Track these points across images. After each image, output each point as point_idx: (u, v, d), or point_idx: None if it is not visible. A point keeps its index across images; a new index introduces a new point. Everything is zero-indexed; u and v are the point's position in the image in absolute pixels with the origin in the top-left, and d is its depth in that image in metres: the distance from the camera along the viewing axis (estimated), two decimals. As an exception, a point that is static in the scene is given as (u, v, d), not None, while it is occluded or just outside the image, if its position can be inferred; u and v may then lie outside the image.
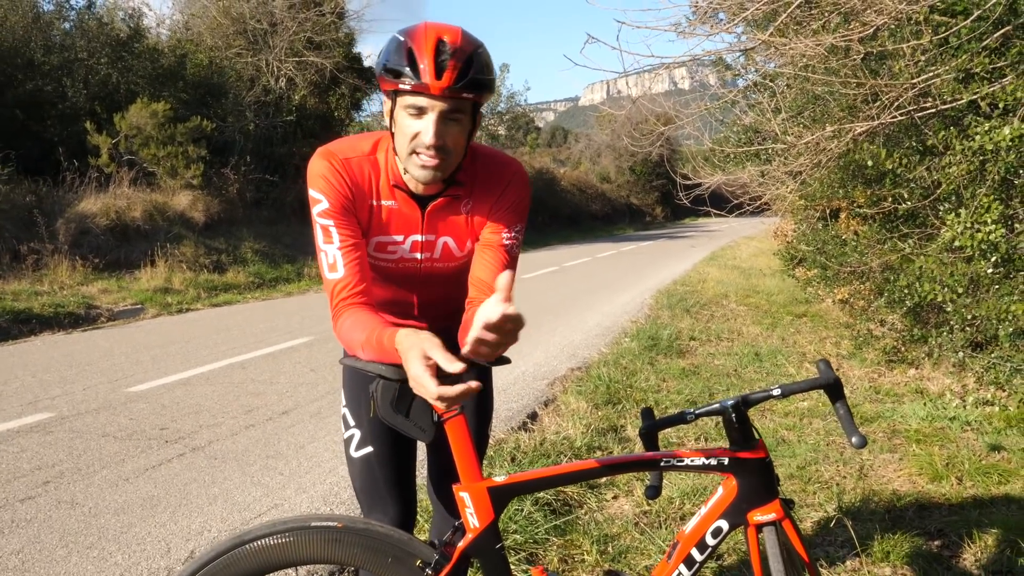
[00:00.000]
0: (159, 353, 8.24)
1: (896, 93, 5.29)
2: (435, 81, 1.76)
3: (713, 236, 31.82)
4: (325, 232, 1.97)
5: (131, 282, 13.34)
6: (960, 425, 5.14)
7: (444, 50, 1.77)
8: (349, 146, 2.04)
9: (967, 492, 4.08)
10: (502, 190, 2.06)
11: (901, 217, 6.61)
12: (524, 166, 2.20)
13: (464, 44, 1.80)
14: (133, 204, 15.58)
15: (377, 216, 2.04)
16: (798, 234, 10.92)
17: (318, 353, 8.11)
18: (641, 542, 3.58)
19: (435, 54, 1.77)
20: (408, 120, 1.85)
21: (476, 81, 1.81)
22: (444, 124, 1.83)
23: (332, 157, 2.00)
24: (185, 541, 3.72)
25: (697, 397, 6.10)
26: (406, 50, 1.79)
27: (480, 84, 1.82)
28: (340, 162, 1.99)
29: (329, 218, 1.97)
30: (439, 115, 1.82)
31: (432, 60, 1.76)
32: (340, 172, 1.98)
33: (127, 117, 16.45)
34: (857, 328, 7.90)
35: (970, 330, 5.40)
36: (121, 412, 5.90)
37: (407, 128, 1.85)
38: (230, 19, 21.65)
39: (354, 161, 2.01)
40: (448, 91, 1.78)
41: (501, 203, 2.05)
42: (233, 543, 1.85)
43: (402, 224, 2.06)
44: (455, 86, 1.78)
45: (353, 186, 1.99)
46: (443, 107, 1.81)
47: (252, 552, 1.85)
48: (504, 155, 2.16)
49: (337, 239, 1.96)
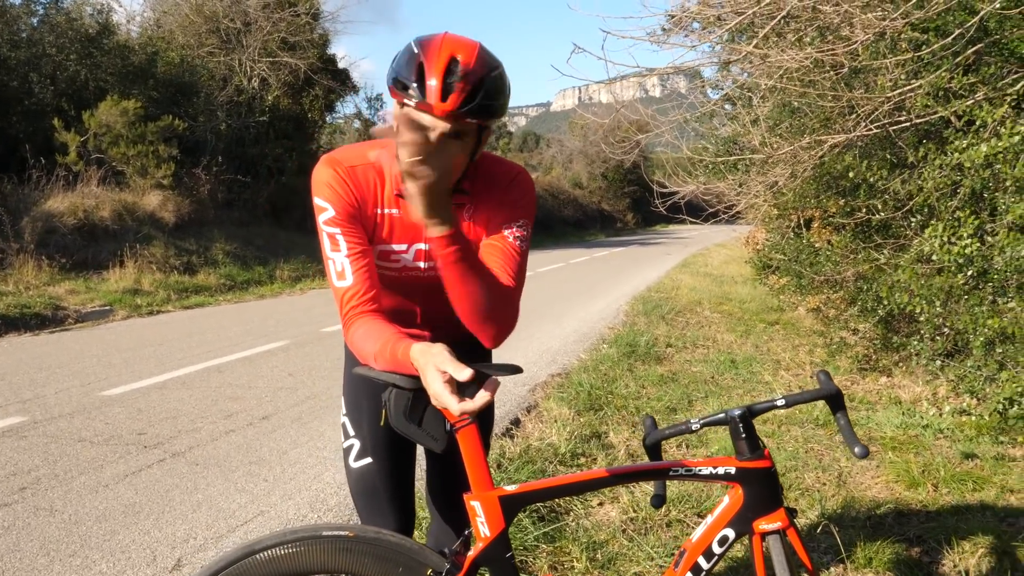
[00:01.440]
0: (132, 356, 8.14)
1: (872, 106, 5.39)
2: (439, 103, 1.74)
3: (684, 243, 32.09)
4: (332, 240, 1.95)
5: (99, 283, 13.16)
6: (933, 433, 5.24)
7: (455, 70, 1.74)
8: (354, 154, 2.02)
9: (943, 499, 4.16)
10: (504, 190, 2.04)
11: (874, 228, 6.73)
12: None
13: (477, 66, 1.77)
14: (102, 203, 15.36)
15: (381, 225, 2.03)
16: (771, 242, 11.05)
17: (295, 357, 8.06)
18: (630, 549, 3.60)
19: (445, 74, 1.74)
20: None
21: (483, 107, 1.78)
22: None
23: (337, 165, 1.98)
24: (171, 549, 3.68)
25: (676, 404, 6.16)
26: (417, 64, 1.77)
27: (487, 110, 1.79)
28: (345, 170, 1.98)
29: (336, 226, 1.95)
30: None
31: (440, 80, 1.73)
32: (345, 180, 1.97)
33: (96, 115, 16.22)
34: (830, 336, 8.02)
35: (940, 340, 5.50)
36: (96, 416, 5.82)
37: None
38: (203, 17, 21.44)
39: (359, 169, 1.99)
40: (451, 115, 1.75)
41: (503, 203, 2.03)
42: (243, 552, 1.85)
43: (406, 233, 2.05)
44: (459, 110, 1.75)
45: (358, 194, 1.98)
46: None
47: (262, 562, 1.84)
48: (508, 161, 2.15)
49: (345, 247, 1.94)
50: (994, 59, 4.98)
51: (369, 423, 2.27)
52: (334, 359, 7.90)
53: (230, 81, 20.85)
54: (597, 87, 6.86)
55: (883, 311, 6.18)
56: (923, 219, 5.51)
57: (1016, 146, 3.96)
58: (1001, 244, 4.15)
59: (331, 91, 23.20)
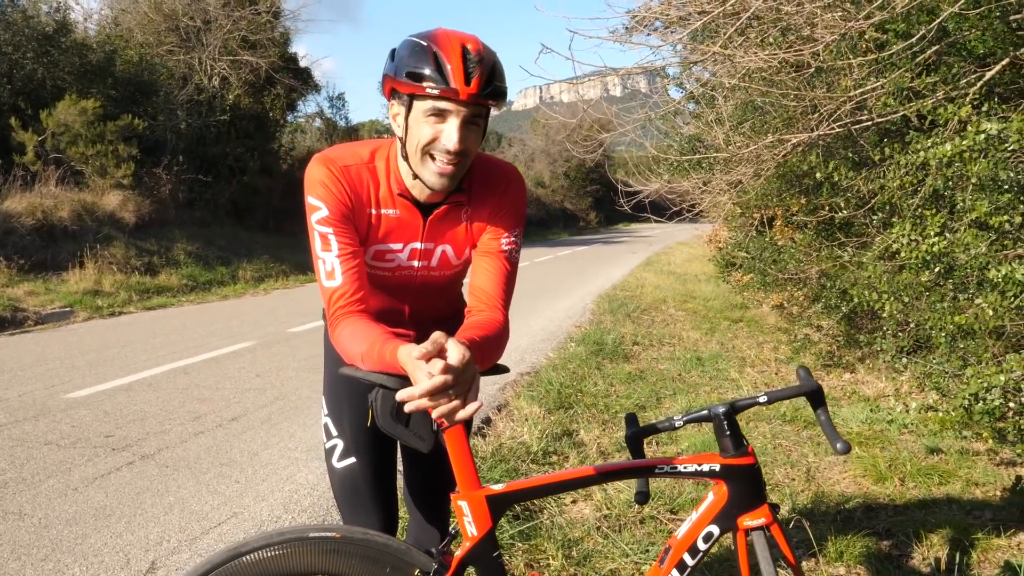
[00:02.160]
0: (95, 358, 8.02)
1: (834, 106, 5.48)
2: (464, 87, 1.78)
3: (646, 242, 32.29)
4: (323, 240, 1.95)
5: (59, 284, 12.93)
6: (898, 428, 5.35)
7: (470, 57, 1.79)
8: (348, 153, 2.02)
9: (910, 493, 4.25)
10: (501, 194, 2.07)
11: (837, 225, 6.84)
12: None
13: (486, 52, 1.83)
14: (60, 204, 15.08)
15: (376, 225, 2.03)
16: (734, 241, 11.18)
17: (262, 358, 8.00)
18: (604, 546, 3.64)
19: (463, 60, 1.78)
20: (427, 125, 1.84)
21: (497, 89, 1.83)
22: (466, 130, 1.85)
23: (331, 164, 1.98)
24: (144, 552, 3.65)
25: (646, 401, 6.21)
26: (431, 54, 1.79)
27: (500, 92, 1.85)
28: (339, 169, 1.98)
29: (328, 226, 1.95)
30: (463, 120, 1.83)
31: (461, 66, 1.78)
32: (339, 179, 1.97)
33: (54, 114, 15.93)
34: (794, 333, 8.14)
35: (902, 336, 5.61)
36: (62, 419, 5.74)
37: (425, 133, 1.85)
38: (161, 15, 21.14)
39: (353, 169, 1.99)
40: (475, 97, 1.79)
41: (500, 207, 2.07)
42: (229, 555, 1.84)
43: (402, 233, 2.06)
44: (481, 93, 1.80)
45: (352, 194, 1.98)
46: (466, 112, 1.83)
47: (249, 564, 1.83)
48: (499, 160, 2.18)
49: (336, 247, 1.94)
50: (954, 59, 5.09)
51: (352, 423, 2.26)
52: (301, 360, 7.86)
53: (190, 80, 20.60)
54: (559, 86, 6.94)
55: (846, 308, 6.29)
56: (884, 217, 5.61)
57: (980, 144, 4.05)
58: (964, 241, 4.24)
59: (292, 90, 23.03)
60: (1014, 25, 4.63)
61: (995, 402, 3.89)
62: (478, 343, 1.77)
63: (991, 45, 4.77)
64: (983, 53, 4.89)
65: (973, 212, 4.12)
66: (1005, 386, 3.85)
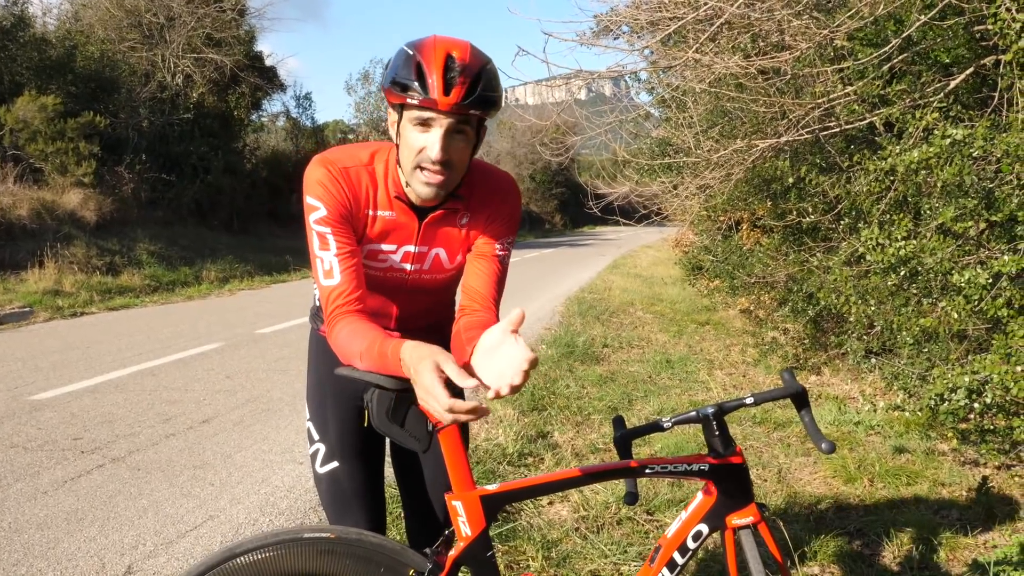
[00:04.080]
0: (59, 359, 7.90)
1: (802, 112, 5.57)
2: (443, 97, 1.78)
3: (612, 245, 32.48)
4: (322, 239, 1.95)
5: (17, 284, 12.71)
6: (865, 429, 5.45)
7: (453, 66, 1.79)
8: (347, 155, 2.03)
9: (879, 493, 4.33)
10: (499, 203, 2.09)
11: (804, 230, 6.95)
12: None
13: (472, 61, 1.82)
14: (19, 202, 14.82)
15: (372, 226, 2.04)
16: (700, 244, 11.30)
17: (231, 360, 7.93)
18: (583, 547, 3.66)
19: (444, 70, 1.78)
20: (414, 133, 1.86)
21: (483, 98, 1.83)
22: (450, 139, 1.85)
23: (331, 165, 1.99)
24: (120, 556, 3.61)
25: (618, 403, 6.26)
26: (415, 64, 1.80)
27: (487, 101, 1.84)
28: (339, 170, 1.99)
29: (326, 225, 1.96)
30: (445, 130, 1.83)
31: (441, 76, 1.78)
32: (339, 180, 1.98)
33: (12, 110, 15.68)
34: (761, 336, 8.25)
35: (868, 338, 5.72)
36: (27, 422, 5.64)
37: (413, 141, 1.87)
38: (123, 11, 20.84)
39: (352, 170, 2.00)
40: (456, 107, 1.79)
41: (498, 216, 2.09)
42: (223, 556, 1.84)
43: (397, 235, 2.07)
44: (463, 103, 1.80)
45: (351, 194, 1.99)
46: (450, 122, 1.83)
47: (243, 566, 1.83)
48: (497, 169, 2.20)
49: (334, 246, 1.95)
50: (920, 68, 5.20)
51: (336, 425, 2.26)
52: (271, 361, 7.81)
53: (153, 77, 20.35)
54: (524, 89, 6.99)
55: (813, 311, 6.39)
56: (851, 222, 5.71)
57: (946, 150, 4.15)
58: (930, 247, 4.34)
59: (258, 89, 22.86)
60: (978, 36, 4.74)
61: (960, 402, 3.99)
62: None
63: (956, 55, 4.88)
64: (948, 62, 5.00)
65: (939, 218, 4.21)
66: (970, 387, 3.95)
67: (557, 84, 7.15)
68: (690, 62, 5.70)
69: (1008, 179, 4.13)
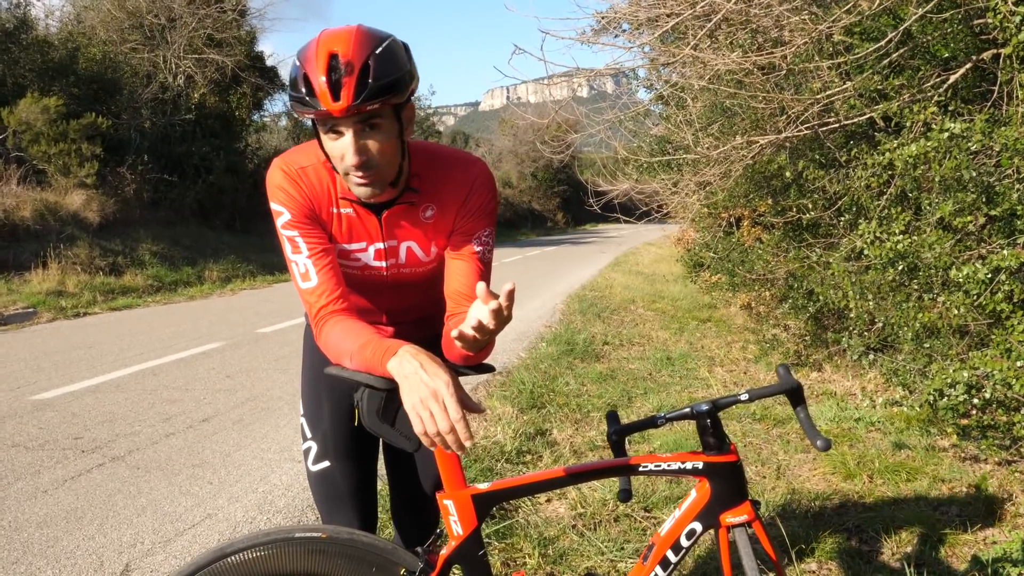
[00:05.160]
0: (62, 359, 7.91)
1: (802, 108, 5.56)
2: (333, 104, 1.68)
3: (614, 242, 32.44)
4: (292, 243, 1.93)
5: (21, 284, 12.73)
6: (865, 425, 5.44)
7: (336, 66, 1.68)
8: (303, 154, 1.98)
9: (879, 490, 4.32)
10: (467, 193, 2.00)
11: (805, 226, 6.93)
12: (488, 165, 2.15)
13: (357, 52, 1.70)
14: (22, 203, 14.86)
15: (339, 224, 2.00)
16: (702, 241, 11.27)
17: (231, 359, 7.94)
18: (580, 544, 3.66)
19: (328, 72, 1.68)
20: (330, 143, 1.80)
21: (380, 88, 1.70)
22: (362, 139, 1.76)
23: (288, 166, 1.95)
24: (118, 554, 3.61)
25: (617, 401, 6.26)
26: (302, 76, 1.72)
27: (387, 88, 1.72)
28: (296, 171, 1.94)
29: (293, 228, 1.93)
30: (353, 134, 1.75)
31: (327, 82, 1.68)
32: (297, 181, 1.93)
33: (16, 112, 15.70)
34: (762, 333, 8.23)
35: (868, 334, 5.71)
36: (29, 421, 5.66)
37: (332, 150, 1.81)
38: (125, 12, 20.87)
39: (310, 169, 1.95)
40: (351, 109, 1.69)
41: (467, 207, 2.00)
42: (214, 556, 1.83)
43: (362, 232, 2.02)
44: (356, 102, 1.69)
45: (311, 194, 1.94)
46: (354, 125, 1.74)
47: (234, 565, 1.83)
48: (466, 155, 2.10)
49: (305, 248, 1.92)
50: (919, 63, 5.19)
51: (329, 423, 2.25)
52: (272, 360, 7.81)
53: (155, 78, 20.37)
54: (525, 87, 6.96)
55: (813, 308, 6.37)
56: (852, 218, 5.70)
57: (944, 144, 4.14)
58: (929, 241, 4.33)
59: (259, 89, 22.85)
60: (977, 30, 4.72)
61: (959, 398, 3.98)
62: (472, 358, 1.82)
63: (955, 49, 4.86)
64: (947, 57, 4.99)
65: (937, 212, 4.20)
66: (969, 382, 3.94)
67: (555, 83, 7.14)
68: (688, 59, 5.70)
69: (1007, 173, 4.12)
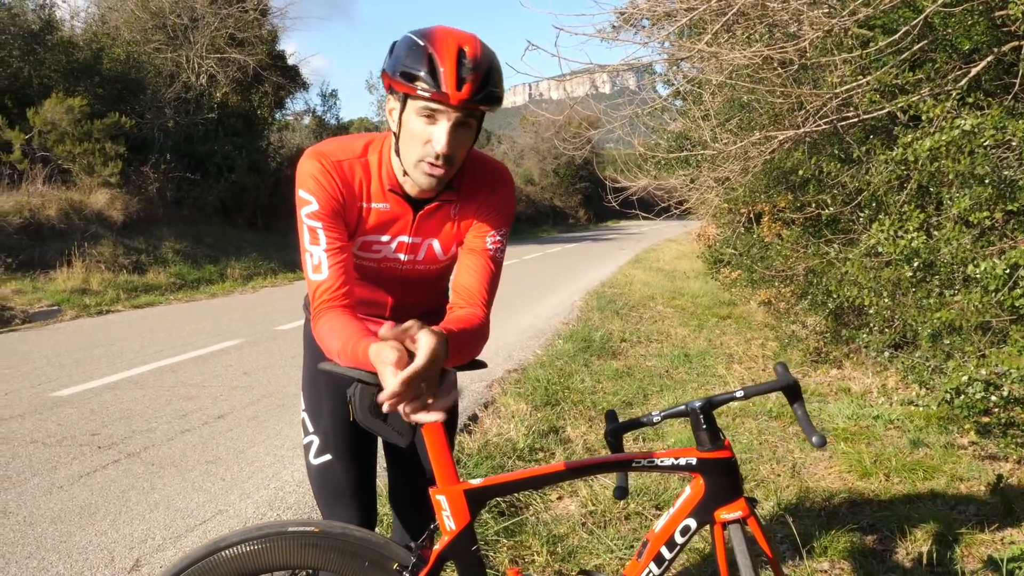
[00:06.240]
0: (83, 356, 8.00)
1: (820, 102, 5.49)
2: (455, 92, 1.76)
3: (636, 238, 32.31)
4: (312, 233, 1.95)
5: (46, 283, 12.88)
6: (884, 423, 5.37)
7: (465, 61, 1.78)
8: (340, 148, 2.01)
9: (895, 488, 4.27)
10: (489, 192, 2.07)
11: (824, 222, 6.86)
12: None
13: (483, 56, 1.81)
14: (48, 202, 15.04)
15: (366, 218, 2.03)
16: (722, 237, 11.19)
17: (249, 356, 7.98)
18: (589, 542, 3.64)
19: (457, 64, 1.77)
20: (420, 125, 1.84)
21: (491, 95, 1.82)
22: (456, 133, 1.84)
23: (324, 158, 1.97)
24: (128, 549, 3.64)
25: (632, 398, 6.23)
26: (426, 56, 1.78)
27: (494, 98, 1.83)
28: (332, 164, 1.97)
29: (317, 220, 1.95)
30: (453, 124, 1.82)
31: (454, 70, 1.76)
32: (331, 174, 1.96)
33: (41, 112, 15.87)
34: (781, 330, 8.16)
35: (889, 331, 5.64)
36: (48, 417, 5.72)
37: (418, 132, 1.85)
38: (148, 13, 21.04)
39: (346, 164, 1.99)
40: (466, 103, 1.78)
41: (487, 205, 2.06)
42: (208, 550, 1.84)
43: (391, 226, 2.06)
44: (473, 98, 1.78)
45: (344, 188, 1.97)
46: (457, 116, 1.81)
47: (228, 559, 1.84)
48: (491, 159, 2.17)
49: (324, 241, 1.94)
50: (939, 55, 5.11)
51: (330, 418, 2.26)
52: (289, 357, 7.84)
53: (177, 78, 20.52)
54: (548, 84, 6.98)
55: (833, 304, 6.30)
56: (871, 213, 5.63)
57: (957, 140, 4.08)
58: (947, 237, 4.27)
59: (281, 88, 22.99)
60: (998, 21, 4.64)
61: (976, 395, 3.91)
62: (455, 334, 1.76)
63: (976, 41, 4.79)
64: (968, 49, 4.91)
65: (954, 207, 4.14)
66: (987, 379, 3.88)
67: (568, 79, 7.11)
68: (705, 54, 5.65)
69: (1025, 167, 4.05)
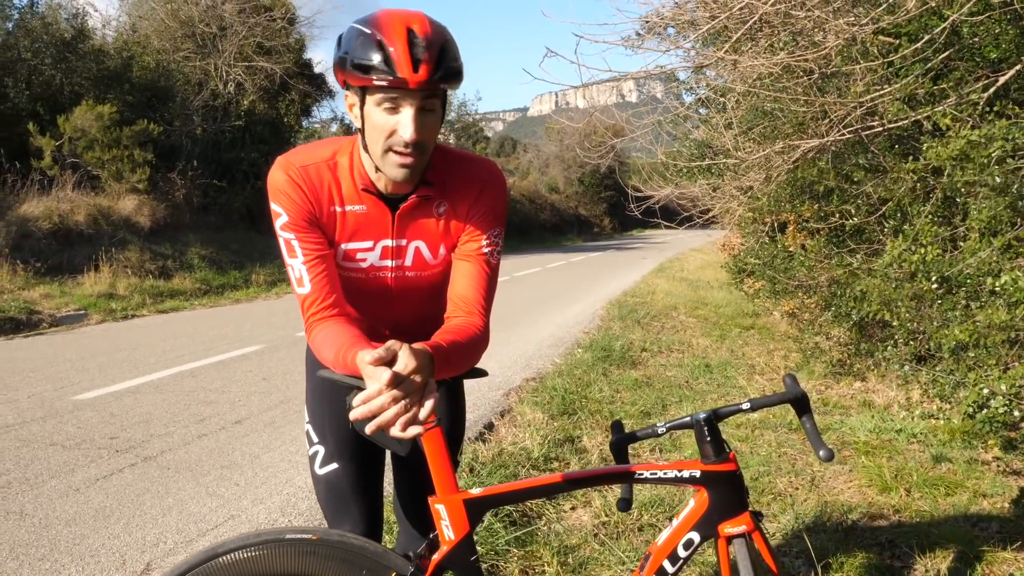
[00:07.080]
0: (106, 360, 8.07)
1: (844, 111, 5.43)
2: (412, 74, 1.69)
3: (660, 248, 32.17)
4: (288, 246, 1.92)
5: (74, 287, 13.04)
6: (906, 437, 5.28)
7: (416, 40, 1.70)
8: (306, 154, 1.97)
9: (915, 504, 4.18)
10: (478, 192, 1.99)
11: (848, 232, 6.78)
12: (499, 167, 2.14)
13: (434, 32, 1.73)
14: (77, 208, 15.24)
15: (343, 223, 1.97)
16: (746, 247, 11.10)
17: (269, 361, 8.01)
18: (601, 553, 3.60)
19: (408, 45, 1.69)
20: (383, 116, 1.77)
21: (450, 71, 1.74)
22: (422, 118, 1.77)
23: (289, 167, 1.93)
24: (140, 553, 3.65)
25: (651, 408, 6.17)
26: (375, 42, 1.71)
27: (455, 72, 1.76)
28: (297, 171, 1.92)
29: (291, 231, 1.91)
30: (417, 110, 1.75)
31: (407, 52, 1.69)
32: (297, 182, 1.91)
33: (71, 119, 16.10)
34: (804, 341, 8.07)
35: (914, 344, 5.55)
36: (68, 420, 5.77)
37: (383, 124, 1.78)
38: (178, 22, 21.31)
39: (312, 168, 1.94)
40: (425, 84, 1.71)
41: (478, 207, 1.99)
42: (206, 556, 1.83)
43: (371, 229, 1.99)
44: (432, 78, 1.71)
45: (312, 194, 1.92)
46: (420, 100, 1.75)
47: (225, 565, 1.83)
48: (478, 156, 2.11)
49: (301, 253, 1.91)
50: (963, 63, 5.04)
51: (333, 428, 2.23)
52: (309, 364, 7.86)
53: (206, 85, 20.75)
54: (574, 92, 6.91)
55: (857, 316, 6.22)
56: (896, 224, 5.55)
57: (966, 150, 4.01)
58: (972, 248, 4.20)
59: (307, 96, 23.14)
60: (1025, 30, 4.57)
61: (999, 409, 3.83)
62: (444, 349, 1.73)
63: (1005, 50, 4.71)
64: (996, 58, 4.84)
65: (971, 220, 4.08)
66: (1009, 393, 3.80)
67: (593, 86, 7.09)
68: (727, 62, 5.61)
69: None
